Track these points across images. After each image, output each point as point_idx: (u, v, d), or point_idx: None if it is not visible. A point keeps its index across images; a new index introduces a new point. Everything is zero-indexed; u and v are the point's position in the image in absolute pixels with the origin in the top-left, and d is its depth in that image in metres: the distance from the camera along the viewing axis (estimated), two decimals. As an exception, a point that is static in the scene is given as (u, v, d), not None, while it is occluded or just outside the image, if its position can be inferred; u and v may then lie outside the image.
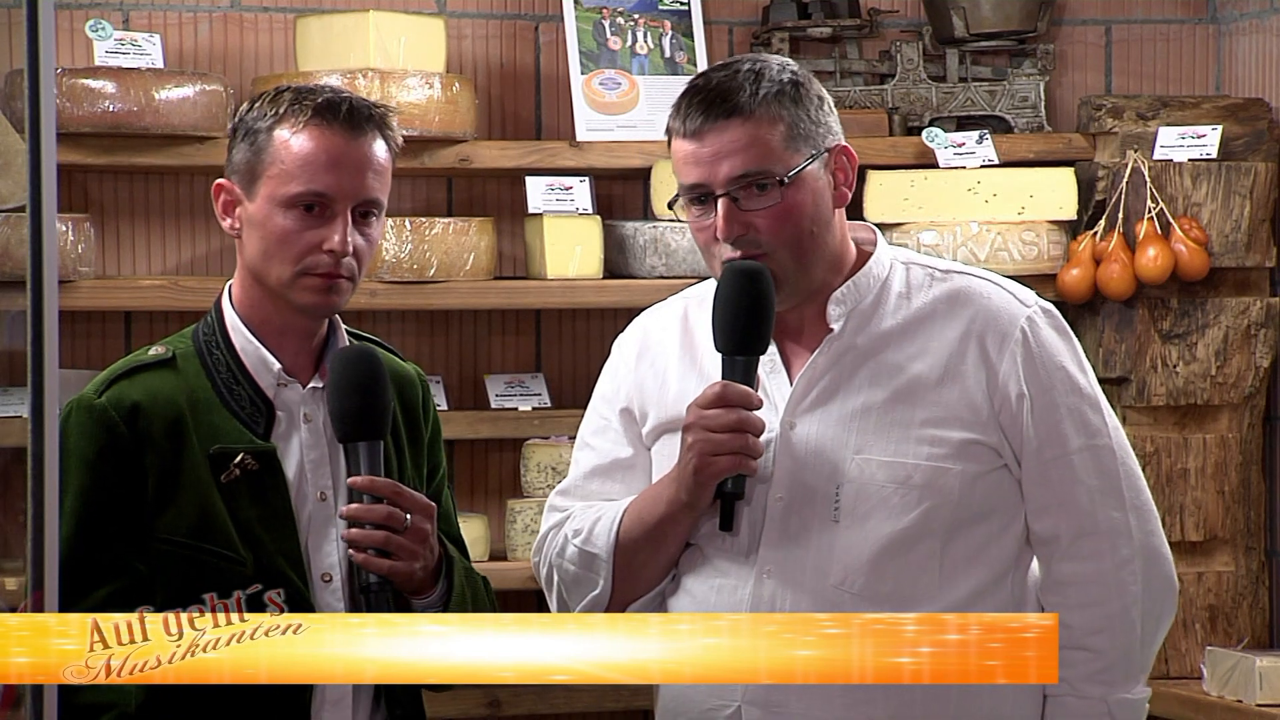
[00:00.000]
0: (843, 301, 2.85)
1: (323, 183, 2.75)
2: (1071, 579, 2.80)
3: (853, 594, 2.76)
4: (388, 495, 2.73)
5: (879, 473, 2.78)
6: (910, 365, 2.82)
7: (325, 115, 2.76)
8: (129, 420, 2.74)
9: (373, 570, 2.72)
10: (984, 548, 2.80)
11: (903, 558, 2.77)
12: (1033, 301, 2.87)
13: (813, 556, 2.78)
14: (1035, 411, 2.80)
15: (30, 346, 2.07)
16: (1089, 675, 2.78)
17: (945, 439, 2.79)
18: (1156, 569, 2.83)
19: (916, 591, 2.77)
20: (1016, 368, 2.80)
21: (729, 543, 2.83)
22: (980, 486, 2.80)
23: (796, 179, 2.79)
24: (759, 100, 2.79)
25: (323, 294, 2.77)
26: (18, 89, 4.22)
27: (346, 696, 2.77)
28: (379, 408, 2.77)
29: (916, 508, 2.77)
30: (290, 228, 2.75)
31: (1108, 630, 2.78)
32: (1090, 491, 2.80)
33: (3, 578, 4.16)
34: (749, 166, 2.78)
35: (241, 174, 2.79)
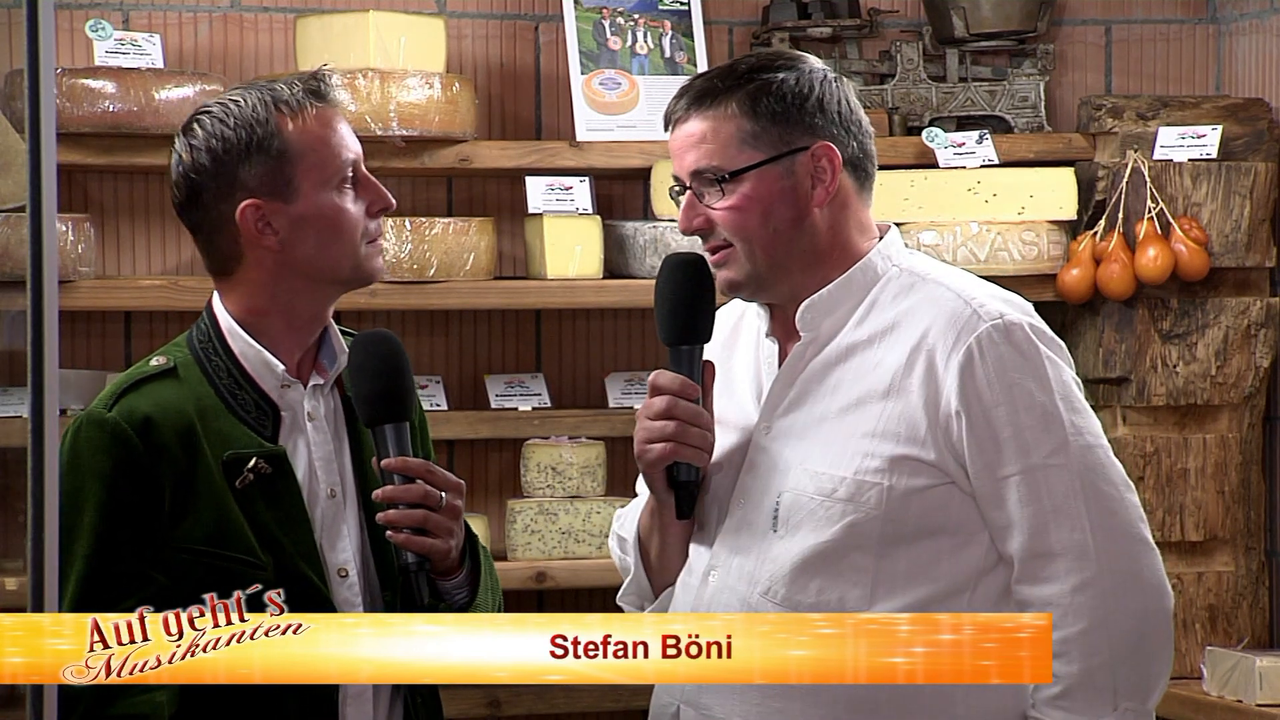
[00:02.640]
0: (814, 307, 2.82)
1: (352, 151, 2.81)
2: (1027, 601, 2.73)
3: (774, 603, 2.76)
4: (420, 474, 2.75)
5: (810, 484, 2.77)
6: (869, 375, 2.79)
7: (314, 95, 2.79)
8: (142, 433, 2.73)
9: (413, 549, 2.73)
10: (931, 564, 2.75)
11: (829, 570, 2.75)
12: (997, 315, 2.76)
13: (749, 563, 2.79)
14: (973, 429, 2.72)
15: (30, 346, 2.07)
16: (1049, 699, 2.72)
17: (877, 452, 2.75)
18: (1132, 591, 2.73)
19: (844, 604, 2.74)
20: (956, 384, 2.73)
21: (700, 538, 2.86)
22: (917, 502, 2.73)
23: (744, 177, 2.78)
24: (718, 98, 2.79)
25: (380, 256, 2.84)
26: (18, 89, 4.22)
27: (367, 690, 2.79)
28: (403, 389, 2.78)
29: (839, 520, 2.74)
30: (348, 206, 2.79)
31: (1064, 655, 2.68)
32: (1042, 513, 2.72)
33: (2, 578, 4.18)
34: (699, 163, 2.79)
35: (268, 185, 2.76)
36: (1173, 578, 4.58)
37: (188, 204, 2.80)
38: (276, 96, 2.77)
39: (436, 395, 4.59)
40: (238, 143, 2.76)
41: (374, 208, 2.81)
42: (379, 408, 2.77)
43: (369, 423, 2.78)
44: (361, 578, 2.81)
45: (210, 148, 2.76)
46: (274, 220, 2.76)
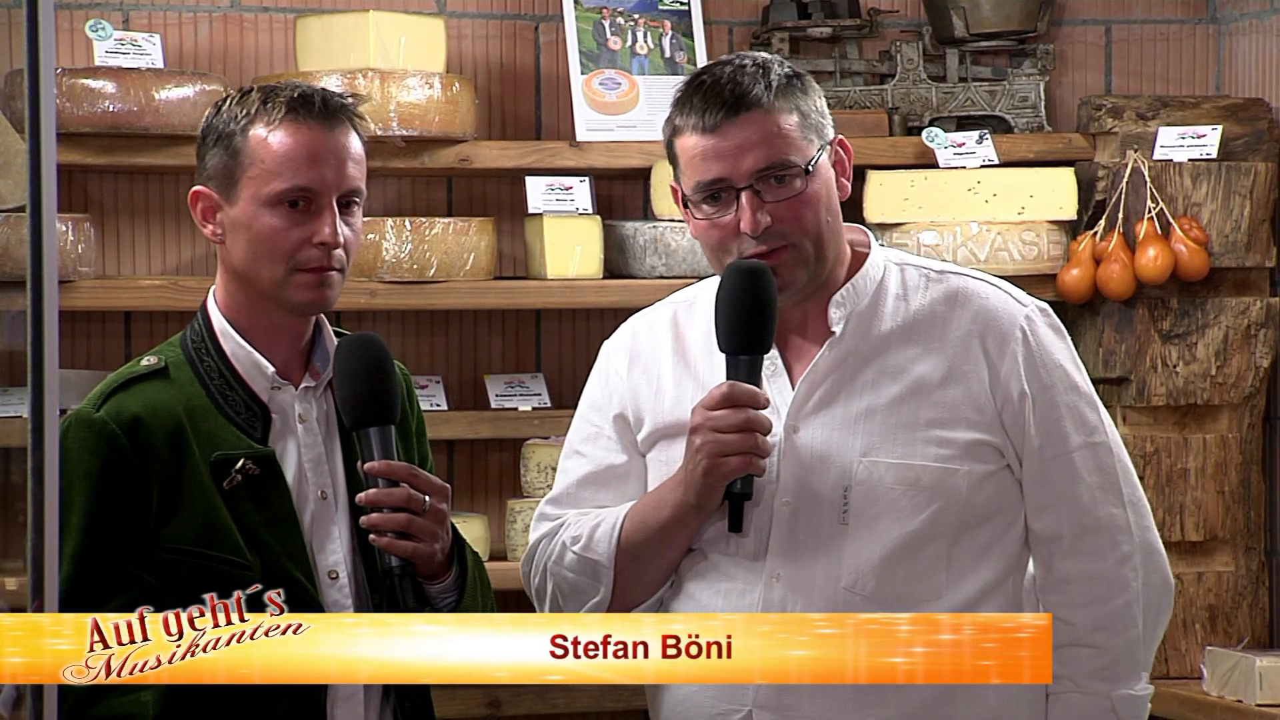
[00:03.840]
0: (843, 304, 2.85)
1: (306, 177, 2.74)
2: (1074, 577, 2.81)
3: (864, 596, 2.77)
4: (404, 478, 2.74)
5: (887, 475, 2.79)
6: (913, 366, 2.82)
7: (299, 110, 2.75)
8: (130, 432, 2.73)
9: (396, 553, 2.72)
10: (989, 548, 2.81)
11: (912, 559, 2.78)
12: (1029, 301, 2.89)
13: (822, 560, 2.78)
14: (1037, 410, 2.81)
15: (30, 346, 2.07)
16: (1093, 671, 2.79)
17: (952, 440, 2.79)
18: (1154, 565, 2.85)
19: (925, 593, 2.78)
20: (1018, 366, 2.82)
21: (735, 546, 2.82)
22: (986, 487, 2.81)
23: (818, 168, 2.81)
24: (774, 92, 2.80)
25: (316, 289, 2.76)
26: (18, 89, 4.22)
27: (358, 691, 2.78)
28: (388, 392, 2.77)
29: (926, 509, 2.78)
30: (278, 226, 2.74)
31: (1110, 626, 2.79)
32: (1090, 489, 2.82)
33: (2, 578, 4.18)
34: (774, 158, 2.79)
35: (219, 179, 2.78)
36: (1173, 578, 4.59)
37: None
38: (267, 98, 2.77)
39: (436, 395, 4.59)
40: (217, 127, 2.78)
41: (314, 239, 2.74)
42: (362, 411, 2.76)
43: (353, 426, 2.77)
44: (352, 580, 2.80)
45: (204, 127, 2.81)
46: (219, 214, 2.78)
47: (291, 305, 2.77)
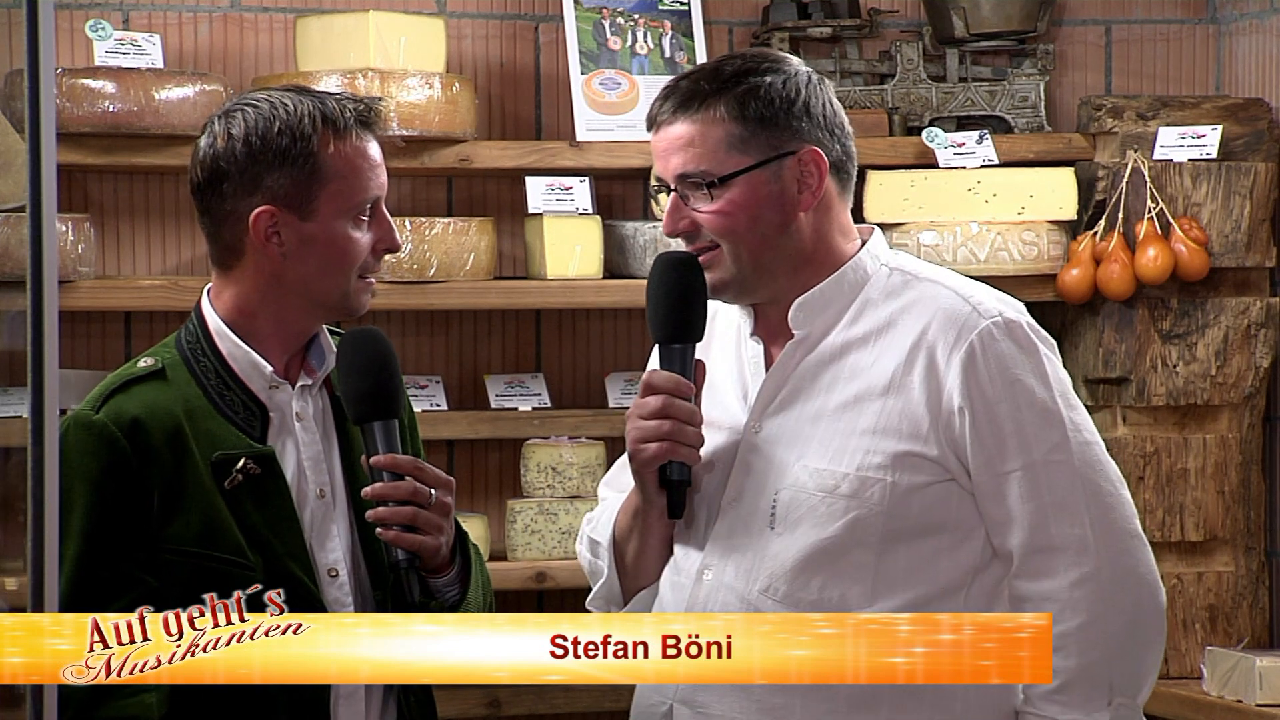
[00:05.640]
0: (806, 306, 2.83)
1: (377, 186, 2.80)
2: (1026, 595, 2.74)
3: (775, 600, 2.76)
4: (410, 472, 2.75)
5: (810, 481, 2.77)
6: (866, 373, 2.79)
7: (364, 123, 2.79)
8: (130, 434, 2.73)
9: (403, 546, 2.74)
10: (931, 560, 2.76)
11: (830, 567, 2.75)
12: (996, 313, 2.78)
13: (747, 560, 2.79)
14: (976, 425, 2.74)
15: (30, 346, 2.08)
16: (1045, 694, 2.73)
17: (880, 449, 2.75)
18: (1128, 587, 2.75)
19: (846, 602, 2.75)
20: (959, 380, 2.74)
21: (688, 537, 2.85)
22: (919, 499, 2.75)
23: (733, 182, 2.78)
24: (705, 101, 2.78)
25: (369, 292, 2.83)
26: (18, 89, 4.22)
27: (359, 690, 2.79)
28: (392, 386, 2.79)
29: (842, 517, 2.75)
30: (357, 236, 2.78)
31: (1062, 649, 2.67)
32: (1043, 508, 2.73)
33: (2, 578, 4.18)
34: (686, 166, 2.79)
35: (290, 197, 2.75)
36: (1173, 578, 4.59)
37: (206, 187, 2.79)
38: (326, 113, 2.76)
39: (436, 395, 4.59)
40: (276, 146, 2.75)
41: (380, 245, 2.80)
42: (367, 405, 2.77)
43: (357, 420, 2.78)
44: (352, 578, 2.81)
45: (248, 141, 2.75)
46: (284, 231, 2.76)
47: (351, 310, 2.82)
